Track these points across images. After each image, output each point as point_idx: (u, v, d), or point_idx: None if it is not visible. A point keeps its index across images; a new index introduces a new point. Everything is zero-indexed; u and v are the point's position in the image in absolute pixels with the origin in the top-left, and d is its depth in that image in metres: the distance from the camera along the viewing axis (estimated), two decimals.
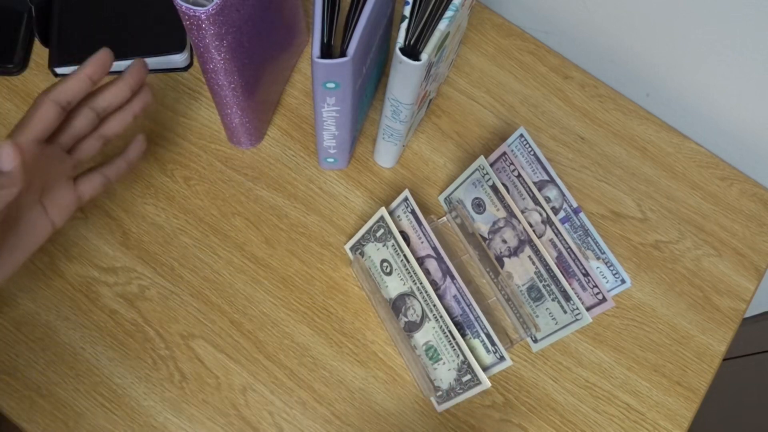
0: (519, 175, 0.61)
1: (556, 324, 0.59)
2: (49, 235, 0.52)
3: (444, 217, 0.66)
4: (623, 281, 0.61)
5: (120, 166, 0.56)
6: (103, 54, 0.51)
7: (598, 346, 0.64)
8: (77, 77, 0.50)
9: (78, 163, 0.54)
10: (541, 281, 0.59)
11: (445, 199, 0.67)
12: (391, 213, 0.61)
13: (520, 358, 0.63)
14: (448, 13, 0.50)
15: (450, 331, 0.56)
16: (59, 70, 0.67)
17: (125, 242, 0.63)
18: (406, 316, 0.60)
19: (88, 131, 0.53)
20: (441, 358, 0.58)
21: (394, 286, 0.61)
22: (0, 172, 0.44)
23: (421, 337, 0.59)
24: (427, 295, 0.57)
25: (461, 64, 0.73)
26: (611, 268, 0.61)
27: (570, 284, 0.58)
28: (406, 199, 0.60)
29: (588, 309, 0.58)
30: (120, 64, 0.67)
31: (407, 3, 0.50)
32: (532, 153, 0.62)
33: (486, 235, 0.64)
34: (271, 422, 0.59)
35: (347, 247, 0.64)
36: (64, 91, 0.49)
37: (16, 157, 0.44)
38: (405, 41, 0.50)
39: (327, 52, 0.50)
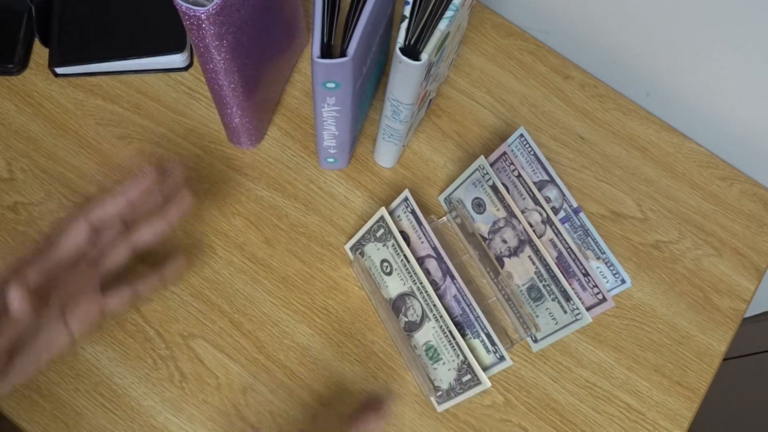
0: (519, 175, 0.61)
1: (556, 324, 0.59)
2: (69, 347, 0.49)
3: (444, 217, 0.66)
4: (623, 281, 0.61)
5: (153, 282, 0.53)
6: (147, 179, 0.48)
7: (598, 346, 0.64)
8: (116, 201, 0.47)
9: (105, 273, 0.50)
10: (541, 281, 0.59)
11: (445, 199, 0.67)
12: (391, 213, 0.61)
13: (520, 358, 0.63)
14: (448, 13, 0.50)
15: (450, 331, 0.56)
16: (59, 70, 0.67)
17: None
18: (406, 316, 0.60)
19: (114, 240, 0.50)
20: (441, 358, 0.58)
21: (394, 286, 0.61)
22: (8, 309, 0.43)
23: (421, 337, 0.59)
24: (427, 295, 0.57)
25: (461, 64, 0.73)
26: (611, 268, 0.61)
27: (570, 284, 0.58)
28: (406, 199, 0.60)
29: (588, 309, 0.58)
30: (120, 64, 0.68)
31: (407, 3, 0.50)
32: (532, 153, 0.62)
33: (486, 235, 0.64)
34: (271, 422, 0.59)
35: (347, 247, 0.64)
36: (100, 212, 0.47)
37: (23, 300, 0.42)
38: (405, 41, 0.50)
39: (327, 52, 0.50)
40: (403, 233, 0.61)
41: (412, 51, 0.50)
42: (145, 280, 0.53)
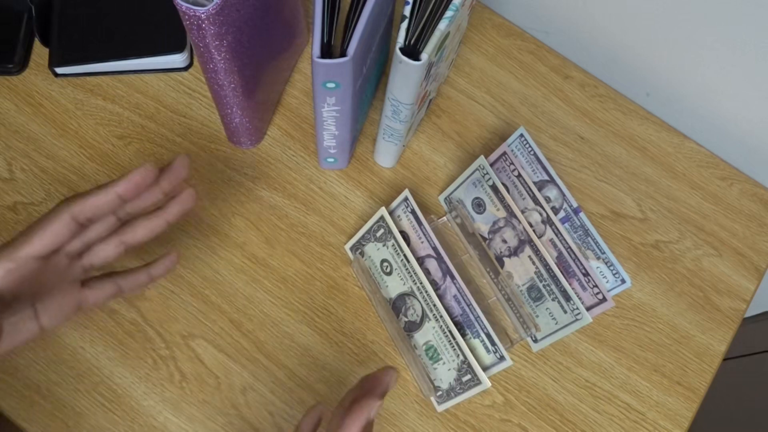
0: (519, 175, 0.61)
1: (556, 324, 0.59)
2: (35, 337, 0.45)
3: (444, 217, 0.66)
4: (623, 281, 0.61)
5: (139, 279, 0.49)
6: (144, 171, 0.44)
7: (598, 346, 0.64)
8: (105, 192, 0.43)
9: (89, 267, 0.47)
10: (541, 281, 0.59)
11: (445, 199, 0.67)
12: (391, 213, 0.61)
13: (520, 358, 0.63)
14: (448, 13, 0.50)
15: (450, 331, 0.56)
16: (59, 70, 0.67)
17: None
18: (406, 316, 0.60)
19: (105, 235, 0.47)
20: (441, 358, 0.58)
21: (394, 286, 0.61)
22: None
23: (421, 337, 0.59)
24: (427, 295, 0.57)
25: (461, 64, 0.73)
26: (611, 267, 0.61)
27: (570, 284, 0.58)
28: (406, 199, 0.60)
29: (588, 309, 0.58)
30: (120, 64, 0.68)
31: (407, 3, 0.50)
32: (532, 153, 0.62)
33: (486, 235, 0.64)
34: (271, 422, 0.59)
35: (347, 247, 0.64)
36: (86, 206, 0.43)
37: None
38: (405, 41, 0.50)
39: (327, 52, 0.50)
40: (403, 233, 0.61)
41: (412, 51, 0.50)
42: (131, 275, 0.49)
